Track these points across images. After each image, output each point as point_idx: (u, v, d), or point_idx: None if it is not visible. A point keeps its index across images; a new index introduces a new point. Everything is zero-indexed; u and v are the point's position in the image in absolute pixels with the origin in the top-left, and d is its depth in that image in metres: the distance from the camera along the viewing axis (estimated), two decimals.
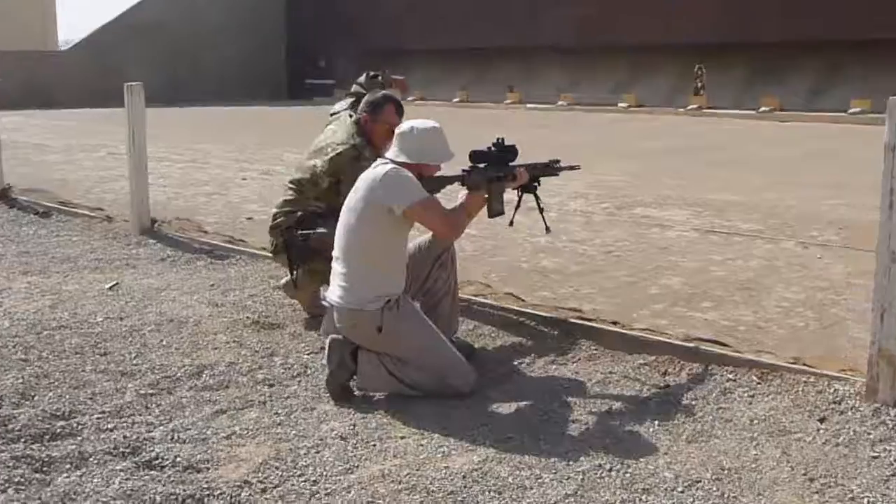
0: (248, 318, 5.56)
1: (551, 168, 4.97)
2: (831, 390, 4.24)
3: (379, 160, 4.52)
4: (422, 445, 3.91)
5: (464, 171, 4.65)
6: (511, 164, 4.75)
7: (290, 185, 5.29)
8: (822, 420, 4.00)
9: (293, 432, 4.06)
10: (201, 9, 32.13)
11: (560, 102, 24.80)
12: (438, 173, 4.63)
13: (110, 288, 6.24)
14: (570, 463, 3.70)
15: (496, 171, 4.69)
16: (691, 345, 4.80)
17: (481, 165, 4.67)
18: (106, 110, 20.26)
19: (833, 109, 20.41)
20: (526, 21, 25.98)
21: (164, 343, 5.15)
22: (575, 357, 4.91)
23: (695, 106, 22.26)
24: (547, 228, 4.96)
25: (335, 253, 4.51)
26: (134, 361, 4.89)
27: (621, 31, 24.28)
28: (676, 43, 23.29)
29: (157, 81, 23.99)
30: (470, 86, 27.51)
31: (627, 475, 3.59)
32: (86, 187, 11.12)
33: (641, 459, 3.72)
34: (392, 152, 4.49)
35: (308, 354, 5.01)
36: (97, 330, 5.37)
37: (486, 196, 4.66)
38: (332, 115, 5.69)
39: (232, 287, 6.23)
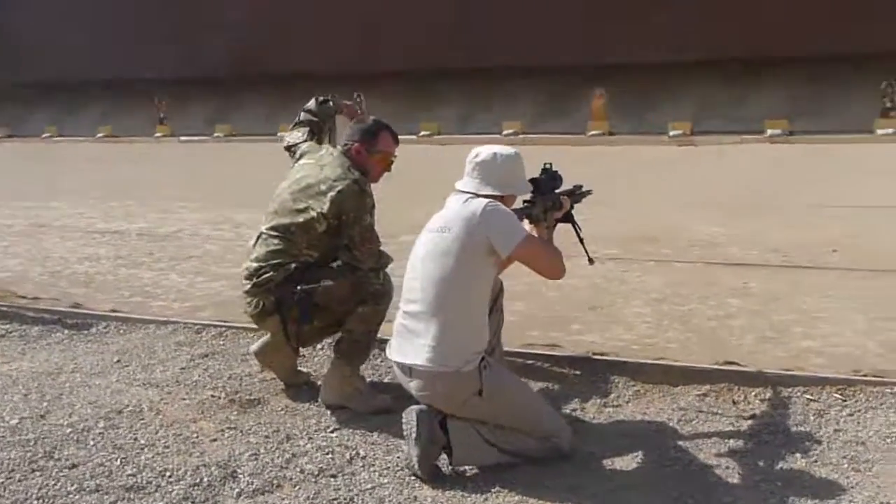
0: (213, 396, 4.60)
1: (578, 194, 4.57)
2: None
3: (460, 194, 3.87)
4: None
5: (526, 202, 4.12)
6: (556, 191, 4.30)
7: (274, 233, 4.41)
8: None
9: None
10: None
11: (217, 134, 23.88)
12: None
13: None
14: None
15: (548, 200, 4.22)
16: (753, 370, 4.63)
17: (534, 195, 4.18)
18: None
19: (486, 132, 21.40)
20: (177, 52, 24.60)
21: (140, 442, 4.10)
22: (622, 396, 4.54)
23: None
24: (590, 259, 4.53)
25: (415, 308, 3.79)
26: (126, 470, 3.82)
27: (275, 61, 23.85)
28: (329, 72, 23.26)
29: None
30: (108, 119, 25.60)
31: None
32: None
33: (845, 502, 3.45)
34: (472, 184, 3.86)
35: (332, 432, 4.20)
36: (29, 436, 4.17)
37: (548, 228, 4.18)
38: (288, 148, 4.86)
39: (148, 361, 5.14)
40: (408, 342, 3.81)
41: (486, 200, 3.78)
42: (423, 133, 21.57)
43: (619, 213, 9.89)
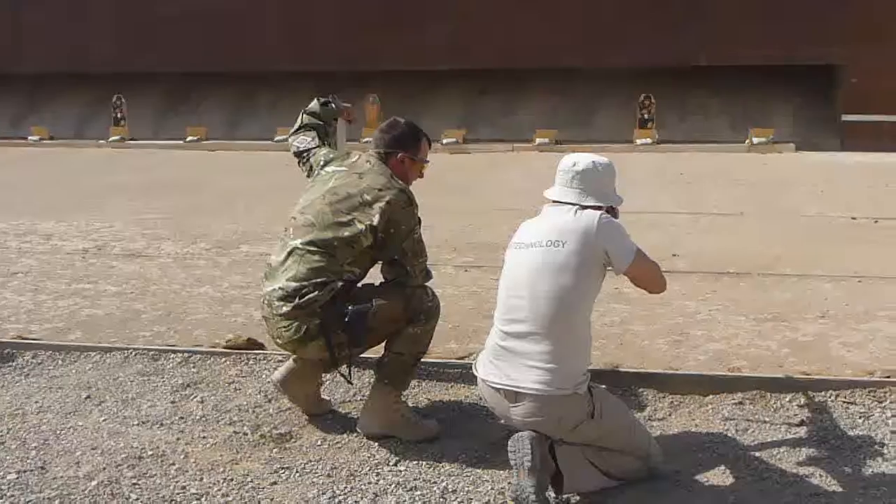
0: (235, 432, 4.08)
1: None
2: None
3: (560, 205, 3.63)
4: None
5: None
6: None
7: (313, 248, 3.93)
8: None
9: None
10: None
11: None
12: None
13: None
14: None
15: None
16: (780, 376, 4.68)
17: None
18: None
19: (255, 137, 20.75)
20: None
21: (191, 491, 3.56)
22: (660, 409, 4.45)
23: (117, 137, 20.98)
24: None
25: (522, 328, 3.51)
26: None
27: (24, 59, 22.02)
28: (86, 72, 21.81)
29: None
30: None
31: None
32: None
33: None
34: (573, 195, 3.63)
35: (397, 465, 3.83)
36: (44, 493, 3.53)
37: None
38: (298, 153, 4.40)
39: (123, 396, 4.50)
40: (511, 364, 3.53)
41: (600, 213, 3.59)
42: (189, 138, 20.50)
43: (444, 221, 9.54)
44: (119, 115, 21.48)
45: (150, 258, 8.35)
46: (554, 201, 3.69)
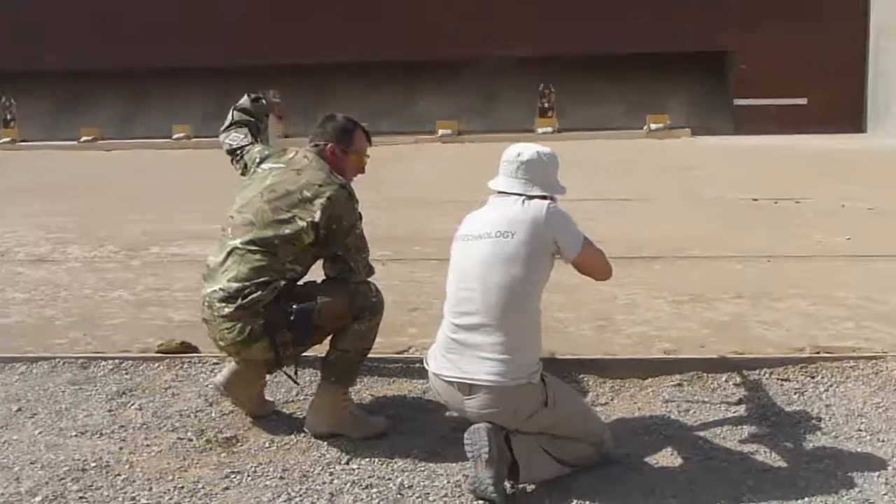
0: (179, 438, 3.97)
1: None
2: (886, 369, 4.56)
3: (505, 196, 3.63)
4: None
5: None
6: None
7: (254, 248, 3.84)
8: None
9: None
10: None
11: None
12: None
13: None
14: None
15: None
16: (715, 356, 4.77)
17: None
18: None
19: (149, 136, 20.34)
20: None
21: (140, 502, 3.45)
22: (602, 394, 4.51)
23: (7, 140, 20.37)
24: None
25: (473, 320, 3.50)
26: None
27: None
28: None
29: None
30: None
31: None
32: None
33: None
34: (518, 185, 3.64)
35: (349, 464, 3.78)
36: None
37: None
38: (231, 151, 4.31)
39: (56, 407, 4.33)
40: (463, 357, 3.53)
41: (547, 202, 3.61)
42: (84, 138, 19.98)
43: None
44: (9, 117, 20.84)
45: (57, 263, 8.12)
46: (499, 192, 3.69)
